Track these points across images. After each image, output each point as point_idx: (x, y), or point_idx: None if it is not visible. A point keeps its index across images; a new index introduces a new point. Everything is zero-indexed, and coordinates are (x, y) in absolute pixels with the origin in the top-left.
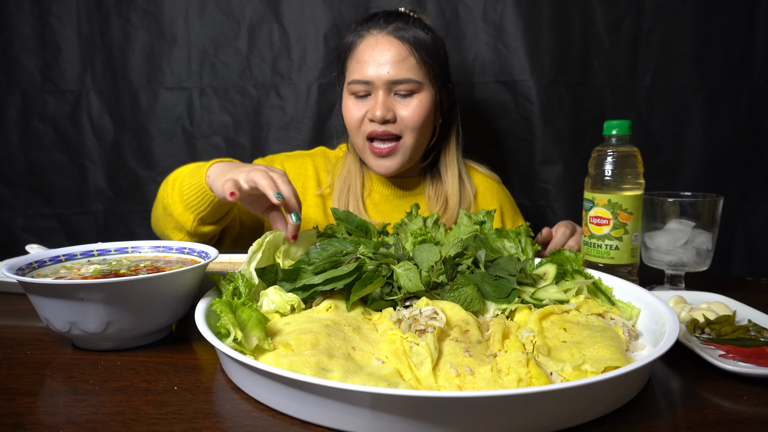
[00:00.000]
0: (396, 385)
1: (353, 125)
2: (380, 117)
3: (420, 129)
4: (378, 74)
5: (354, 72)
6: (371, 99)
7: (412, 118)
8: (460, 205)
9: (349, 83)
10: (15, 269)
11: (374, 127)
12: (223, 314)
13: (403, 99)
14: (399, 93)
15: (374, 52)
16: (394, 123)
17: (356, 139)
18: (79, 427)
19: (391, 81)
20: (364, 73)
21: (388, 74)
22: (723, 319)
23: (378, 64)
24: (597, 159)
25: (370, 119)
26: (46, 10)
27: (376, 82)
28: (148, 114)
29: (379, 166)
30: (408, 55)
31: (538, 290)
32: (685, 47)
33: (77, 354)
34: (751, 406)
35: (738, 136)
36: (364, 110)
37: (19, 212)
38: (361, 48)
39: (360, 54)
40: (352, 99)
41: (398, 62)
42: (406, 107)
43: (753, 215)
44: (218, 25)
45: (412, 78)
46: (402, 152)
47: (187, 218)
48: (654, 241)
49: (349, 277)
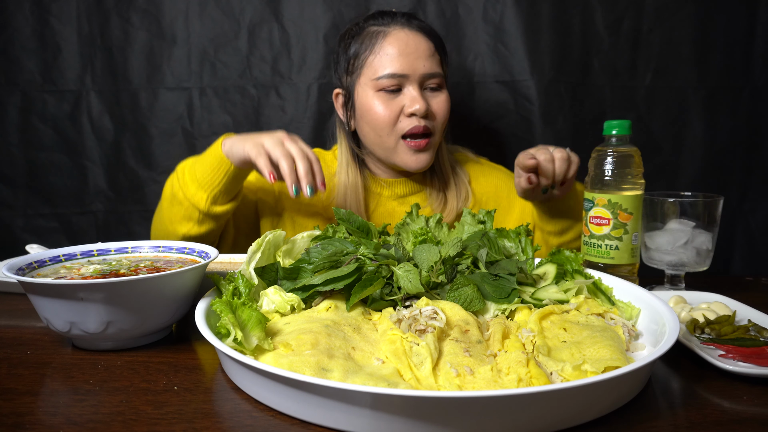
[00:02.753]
0: (396, 385)
1: (386, 123)
2: (423, 110)
3: (445, 124)
4: (414, 67)
5: (384, 66)
6: (404, 94)
7: (443, 113)
8: (457, 197)
9: (377, 78)
10: (15, 269)
11: (413, 122)
12: (223, 314)
13: (433, 93)
14: (430, 87)
15: (407, 46)
16: (429, 118)
17: (387, 139)
18: (79, 427)
19: (428, 74)
20: (398, 67)
21: (424, 67)
22: (723, 319)
23: (412, 58)
24: (597, 159)
25: (410, 114)
26: (46, 10)
27: (412, 75)
28: (148, 114)
29: (416, 160)
30: (434, 51)
31: (538, 290)
32: (685, 47)
33: (77, 354)
34: (751, 406)
35: (738, 136)
36: (398, 106)
37: (19, 212)
38: (389, 42)
39: (389, 48)
40: (381, 96)
41: (430, 56)
42: (437, 102)
43: (753, 215)
44: (218, 25)
45: (440, 72)
46: (432, 148)
47: (200, 197)
48: (654, 241)
49: (349, 278)
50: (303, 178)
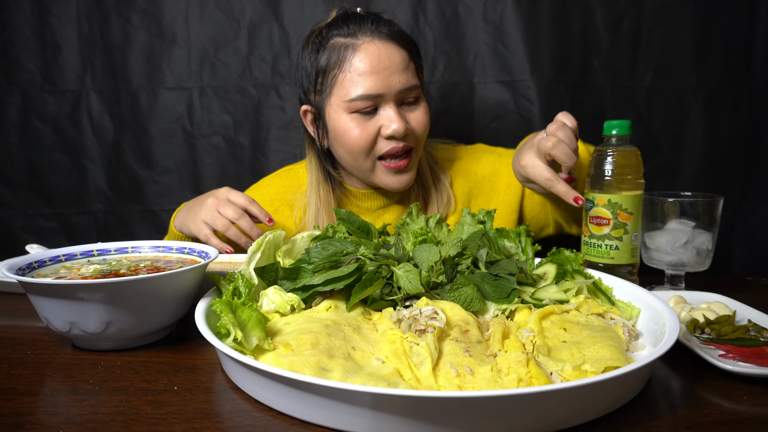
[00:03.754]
0: (396, 385)
1: (363, 147)
2: (402, 131)
3: (425, 136)
4: (389, 84)
5: (356, 86)
6: (380, 114)
7: (422, 127)
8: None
9: (350, 100)
10: (15, 269)
11: (391, 144)
12: (223, 314)
13: (410, 107)
14: (407, 102)
15: (380, 62)
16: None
17: (364, 163)
18: (79, 427)
19: (404, 89)
20: (372, 86)
21: (399, 83)
22: (723, 319)
23: (386, 74)
24: (597, 159)
25: (388, 136)
26: (46, 10)
27: (388, 94)
28: (148, 114)
29: (398, 181)
30: (409, 61)
31: (538, 290)
32: (685, 47)
33: (77, 354)
34: (751, 406)
35: (738, 136)
36: (374, 128)
37: (19, 212)
38: (359, 57)
39: (359, 65)
40: (356, 118)
41: (405, 69)
42: (415, 116)
43: (753, 215)
44: (218, 25)
45: (417, 84)
46: (414, 164)
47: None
48: (654, 241)
49: (349, 278)
50: (251, 233)
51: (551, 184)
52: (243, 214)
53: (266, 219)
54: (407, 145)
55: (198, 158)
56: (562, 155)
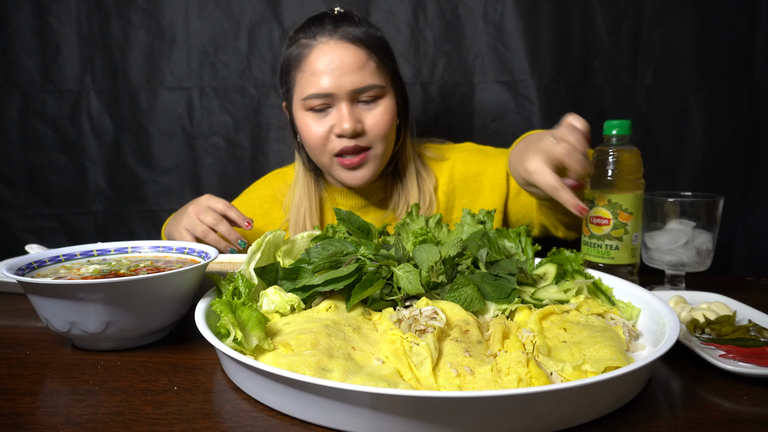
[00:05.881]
0: (396, 385)
1: (317, 144)
2: (351, 131)
3: (388, 136)
4: (340, 84)
5: (309, 85)
6: (334, 112)
7: (380, 126)
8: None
9: (304, 99)
10: (15, 269)
11: (344, 143)
12: (223, 314)
13: (368, 106)
14: (363, 101)
15: (332, 62)
16: (363, 135)
17: (321, 158)
18: (78, 427)
19: (356, 89)
20: (322, 86)
21: (350, 83)
22: (723, 319)
23: (337, 74)
24: (597, 159)
25: (338, 134)
26: (46, 10)
27: (339, 93)
28: (148, 114)
29: (352, 178)
30: (367, 60)
31: (538, 290)
32: (685, 47)
33: (77, 354)
34: (751, 406)
35: (738, 136)
36: (328, 125)
37: (19, 212)
38: (313, 58)
39: (312, 65)
40: (310, 115)
41: (359, 69)
42: (372, 115)
43: (753, 215)
44: (218, 25)
45: (375, 83)
46: (373, 161)
47: None
48: (654, 241)
49: (349, 278)
50: (229, 237)
51: (557, 192)
52: (221, 220)
53: (244, 223)
54: (358, 144)
55: (198, 158)
56: (576, 164)
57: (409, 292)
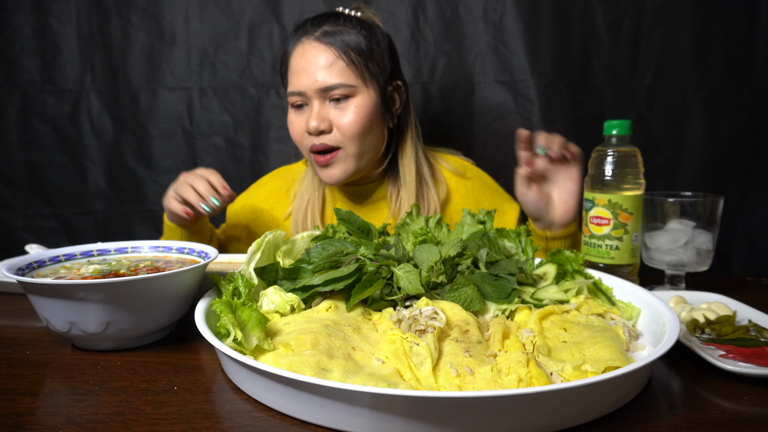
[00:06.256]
0: (396, 385)
1: (297, 140)
2: (314, 128)
3: (361, 135)
4: (308, 83)
5: (289, 84)
6: (307, 110)
7: (349, 125)
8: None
9: (288, 95)
10: (15, 269)
11: (312, 140)
12: (223, 314)
13: (338, 105)
14: (333, 99)
15: (302, 61)
16: (330, 133)
17: (304, 154)
18: (78, 427)
19: (322, 88)
20: (296, 84)
21: (317, 82)
22: (723, 319)
23: (307, 73)
24: (597, 159)
25: (307, 132)
26: (46, 10)
27: (308, 91)
28: (148, 114)
29: (326, 175)
30: (336, 59)
31: (538, 290)
32: (685, 47)
33: (77, 354)
34: (751, 406)
35: (738, 136)
36: (303, 123)
37: (19, 212)
38: (293, 58)
39: (292, 64)
40: (293, 112)
41: (326, 67)
42: (342, 114)
43: (753, 215)
44: (218, 25)
45: (343, 82)
46: (344, 161)
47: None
48: (654, 241)
49: (349, 279)
50: (204, 194)
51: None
52: (202, 180)
53: (221, 186)
54: (325, 143)
55: (198, 158)
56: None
57: (409, 292)
